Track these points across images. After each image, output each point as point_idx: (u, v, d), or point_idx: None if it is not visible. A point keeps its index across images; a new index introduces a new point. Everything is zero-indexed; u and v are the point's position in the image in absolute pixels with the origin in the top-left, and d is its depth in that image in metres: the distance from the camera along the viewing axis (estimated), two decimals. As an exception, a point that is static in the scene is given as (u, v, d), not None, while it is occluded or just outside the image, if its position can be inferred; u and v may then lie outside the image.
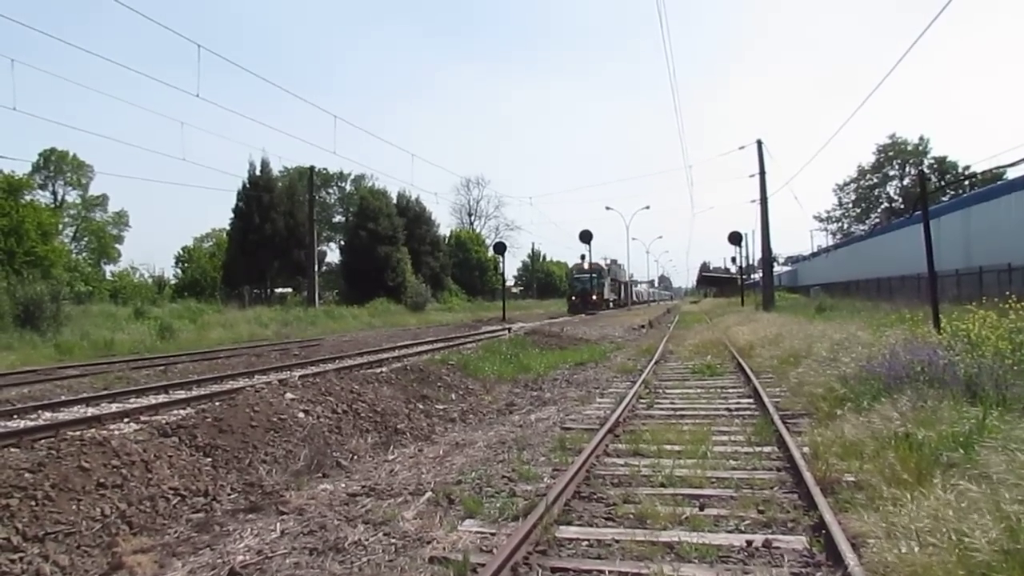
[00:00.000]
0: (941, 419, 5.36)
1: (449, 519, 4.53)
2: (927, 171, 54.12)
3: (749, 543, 3.89)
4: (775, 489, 4.99)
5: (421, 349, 18.55)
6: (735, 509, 4.52)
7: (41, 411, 9.24)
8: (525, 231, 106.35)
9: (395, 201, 55.63)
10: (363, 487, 5.53)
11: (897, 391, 6.50)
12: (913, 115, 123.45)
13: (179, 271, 54.98)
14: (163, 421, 7.11)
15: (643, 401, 9.30)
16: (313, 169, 42.45)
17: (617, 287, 59.31)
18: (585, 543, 4.05)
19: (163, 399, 10.15)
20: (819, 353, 10.48)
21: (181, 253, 57.66)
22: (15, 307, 20.46)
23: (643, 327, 28.85)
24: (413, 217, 56.79)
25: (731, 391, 10.07)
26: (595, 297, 47.73)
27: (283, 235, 45.48)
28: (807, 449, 5.82)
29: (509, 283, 75.57)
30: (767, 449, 6.18)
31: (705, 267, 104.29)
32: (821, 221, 70.87)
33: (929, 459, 4.52)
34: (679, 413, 8.36)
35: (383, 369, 11.96)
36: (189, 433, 6.29)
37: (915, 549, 3.27)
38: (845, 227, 68.38)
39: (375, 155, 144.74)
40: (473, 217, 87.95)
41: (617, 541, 4.01)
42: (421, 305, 45.36)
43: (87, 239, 60.80)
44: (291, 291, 48.99)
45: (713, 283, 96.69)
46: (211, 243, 60.75)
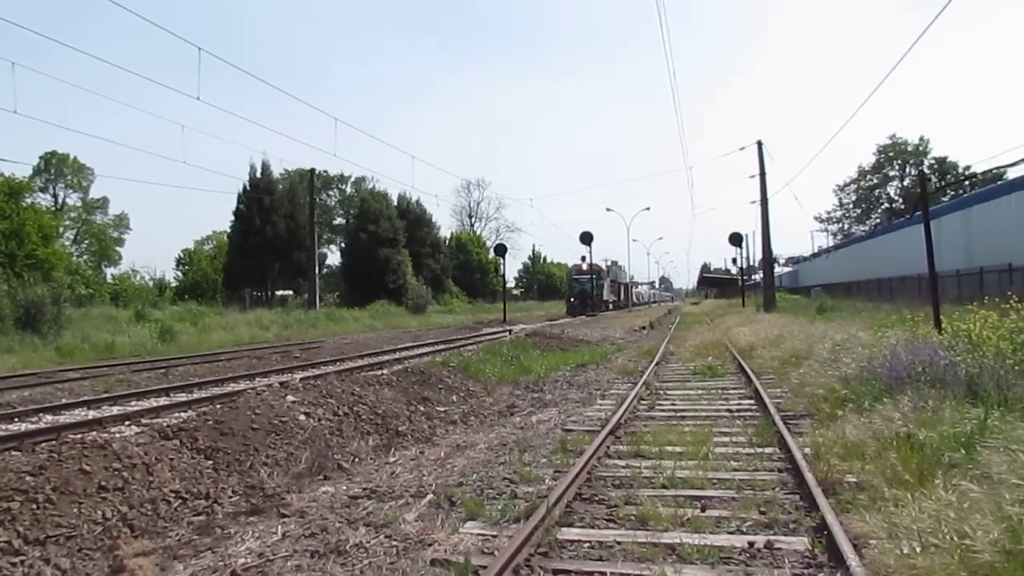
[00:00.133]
0: (942, 420, 5.36)
1: (451, 521, 4.53)
2: (927, 171, 54.19)
3: (751, 544, 3.89)
4: (777, 490, 4.99)
5: (422, 351, 18.55)
6: (737, 510, 4.52)
7: (42, 414, 9.23)
8: (526, 233, 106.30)
9: (396, 203, 55.70)
10: (364, 489, 5.53)
11: (898, 392, 6.50)
12: (913, 115, 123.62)
13: (180, 274, 55.16)
14: (164, 424, 7.12)
15: (644, 402, 9.30)
16: (314, 171, 42.48)
17: (617, 288, 59.18)
18: (587, 545, 4.04)
19: (164, 402, 10.15)
20: (820, 354, 10.47)
21: (182, 256, 57.87)
22: (16, 310, 20.47)
23: (644, 329, 28.84)
24: (414, 219, 56.85)
25: (732, 392, 10.07)
26: (594, 299, 47.30)
27: (284, 237, 45.52)
28: (808, 450, 5.81)
29: (510, 285, 75.61)
30: (768, 450, 6.18)
31: (706, 268, 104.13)
32: (821, 222, 70.92)
33: (931, 460, 4.51)
34: (680, 414, 8.36)
35: (384, 371, 11.96)
36: (190, 436, 6.30)
37: (917, 550, 3.26)
38: (846, 228, 68.38)
39: (375, 157, 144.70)
40: (474, 219, 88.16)
41: (619, 543, 4.01)
42: (422, 307, 45.39)
43: (88, 242, 60.91)
44: (292, 293, 49.08)
45: (714, 284, 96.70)
46: (212, 245, 60.82)
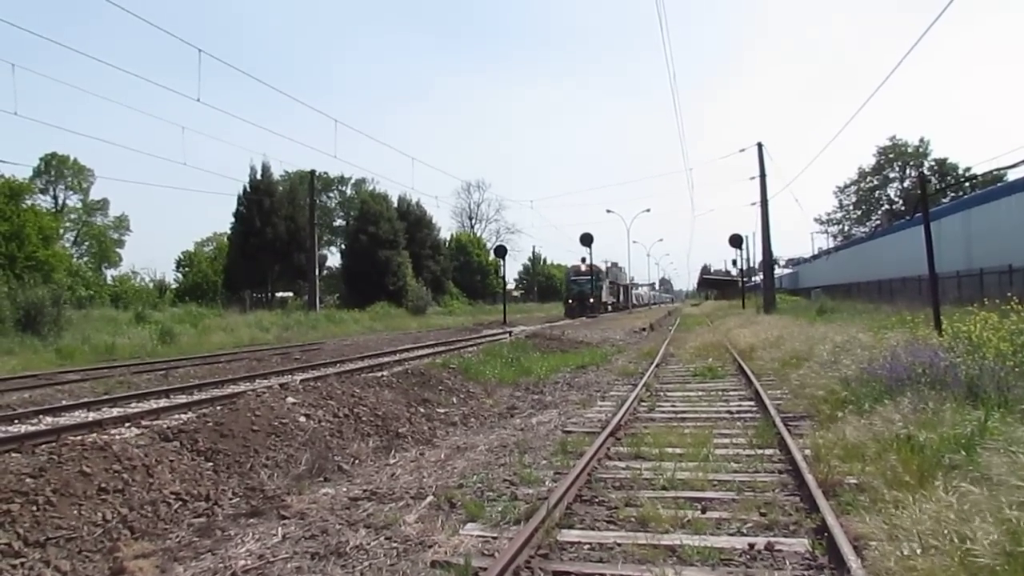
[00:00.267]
0: (943, 421, 5.36)
1: (451, 523, 4.53)
2: (927, 173, 54.22)
3: (751, 546, 3.89)
4: (777, 492, 4.99)
5: (422, 353, 18.56)
6: (737, 512, 4.51)
7: (42, 416, 9.24)
8: (526, 234, 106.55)
9: (396, 205, 55.73)
10: (365, 491, 5.53)
11: (898, 393, 6.50)
12: (913, 117, 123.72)
13: (180, 275, 55.18)
14: (164, 426, 7.12)
15: (644, 404, 9.30)
16: (314, 173, 42.44)
17: (616, 290, 59.03)
18: (587, 546, 4.04)
19: (164, 403, 10.15)
20: (820, 355, 10.48)
21: (182, 257, 57.91)
22: (16, 311, 20.48)
23: (644, 330, 28.84)
24: (414, 221, 56.86)
25: (732, 394, 10.06)
26: (593, 300, 46.87)
27: (284, 239, 45.54)
28: (809, 451, 5.81)
29: (510, 286, 75.52)
30: (769, 452, 6.18)
31: (706, 270, 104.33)
32: (822, 223, 70.95)
33: (931, 461, 4.51)
34: (680, 416, 8.36)
35: (384, 373, 11.95)
36: (190, 438, 6.29)
37: (917, 552, 3.26)
38: (846, 229, 68.41)
39: (376, 159, 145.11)
40: (474, 221, 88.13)
41: (619, 544, 4.01)
42: (422, 309, 45.39)
43: (88, 243, 60.95)
44: (292, 295, 49.10)
45: (714, 285, 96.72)
46: (212, 247, 60.88)
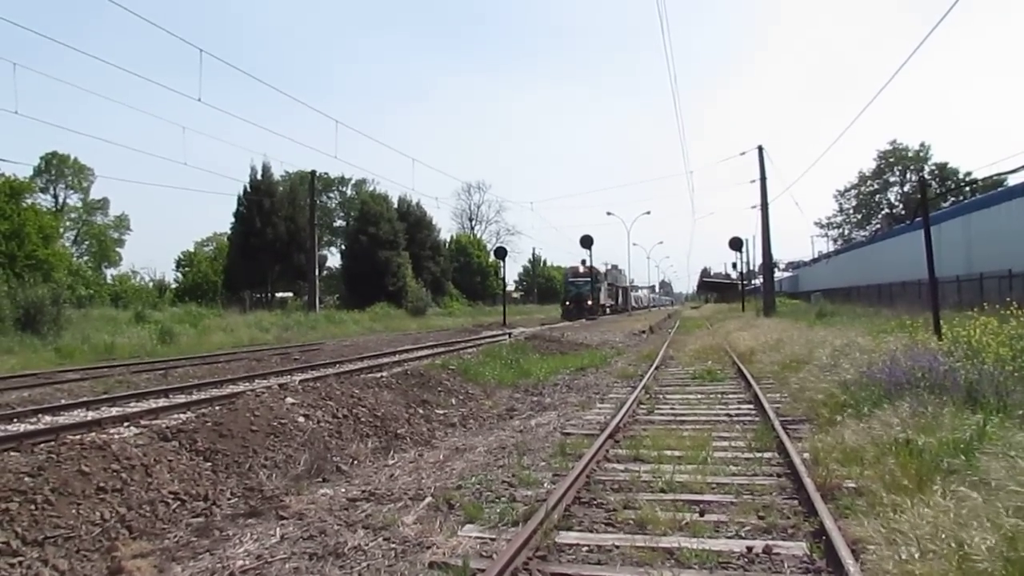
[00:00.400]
0: (941, 425, 5.36)
1: (449, 524, 4.53)
2: (928, 177, 54.28)
3: (749, 549, 3.89)
4: (775, 495, 4.99)
5: (422, 354, 18.55)
6: (735, 515, 4.52)
7: (41, 415, 9.23)
8: (526, 236, 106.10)
9: (396, 206, 55.73)
10: (363, 492, 5.53)
11: (898, 397, 6.50)
12: (914, 121, 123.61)
13: (180, 275, 55.14)
14: (163, 425, 7.12)
15: (644, 406, 9.30)
16: (314, 174, 42.46)
17: (615, 292, 58.89)
18: (585, 549, 4.04)
19: (163, 403, 10.14)
20: (820, 359, 10.48)
21: (182, 257, 57.89)
22: (16, 311, 20.47)
23: (644, 332, 28.85)
24: (414, 222, 56.87)
25: (732, 397, 10.06)
26: (591, 303, 46.34)
27: (284, 239, 45.55)
28: (807, 455, 5.82)
29: (510, 288, 75.56)
30: (767, 455, 6.18)
31: (706, 272, 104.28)
32: (822, 227, 70.89)
33: (929, 465, 4.52)
34: (680, 419, 8.36)
35: (384, 374, 11.94)
36: (189, 437, 6.29)
37: (915, 556, 3.26)
38: (846, 233, 68.37)
39: (376, 160, 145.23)
40: (474, 222, 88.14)
41: (617, 547, 4.01)
42: (422, 310, 45.37)
43: (88, 243, 60.99)
44: (292, 295, 49.10)
45: (714, 288, 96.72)
46: (212, 247, 60.88)
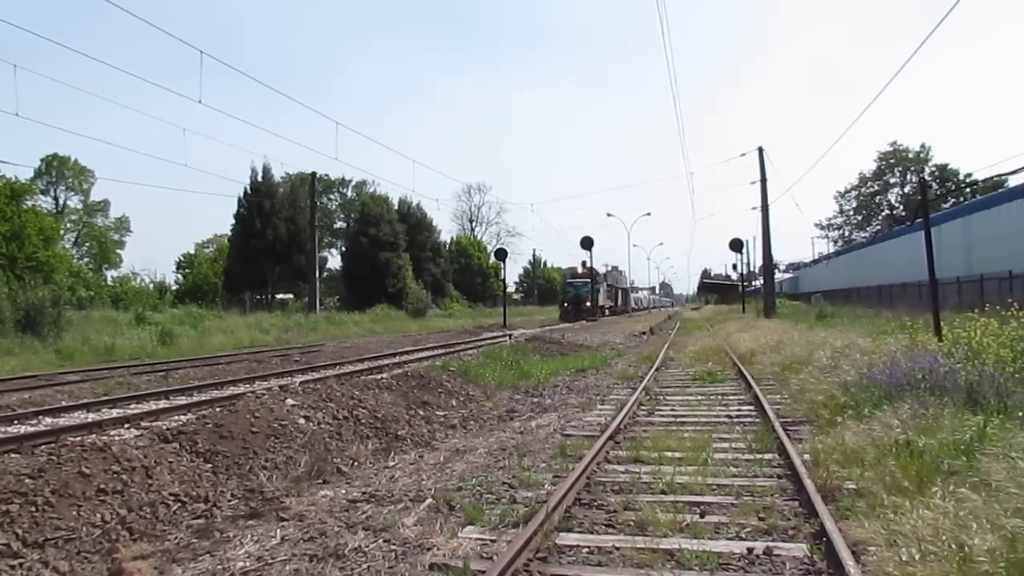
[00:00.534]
0: (942, 427, 5.36)
1: (449, 526, 4.53)
2: (928, 179, 54.33)
3: (750, 550, 3.89)
4: (776, 496, 4.98)
5: (422, 355, 18.55)
6: (736, 516, 4.51)
7: (42, 416, 9.24)
8: (526, 237, 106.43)
9: (396, 207, 55.67)
10: (364, 493, 5.53)
11: (898, 399, 6.50)
12: (914, 122, 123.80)
13: (180, 277, 55.16)
14: (164, 427, 7.12)
15: (644, 408, 9.29)
16: (315, 175, 42.45)
17: (614, 293, 58.70)
18: (586, 550, 4.04)
19: (164, 405, 10.15)
20: (820, 360, 10.47)
21: (182, 259, 57.90)
22: (16, 312, 20.47)
23: (644, 334, 28.85)
24: (414, 223, 56.86)
25: (732, 398, 10.06)
26: (589, 304, 45.71)
27: (284, 241, 45.54)
28: (808, 456, 5.82)
29: (510, 289, 75.51)
30: (768, 456, 6.18)
31: (706, 274, 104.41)
32: (822, 228, 70.93)
33: (930, 467, 4.52)
34: (680, 420, 8.35)
35: (384, 375, 11.95)
36: (190, 439, 6.29)
37: (916, 557, 3.26)
38: (846, 234, 68.39)
39: (376, 161, 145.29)
40: (474, 223, 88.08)
41: (618, 548, 4.01)
42: (422, 311, 45.35)
43: (88, 244, 60.98)
44: (292, 297, 49.10)
45: (714, 290, 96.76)
46: (212, 249, 60.87)
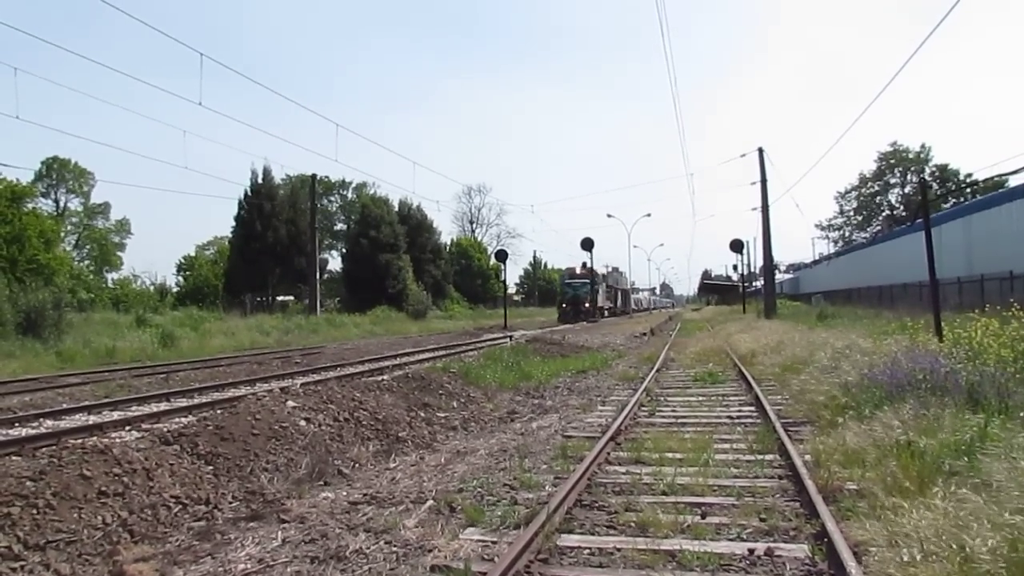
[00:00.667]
0: (943, 427, 5.36)
1: (451, 527, 4.53)
2: (928, 179, 54.31)
3: (751, 551, 3.89)
4: (777, 497, 4.98)
5: (423, 357, 18.55)
6: (737, 517, 4.51)
7: (43, 419, 9.24)
8: (527, 239, 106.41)
9: (397, 209, 55.69)
10: (365, 495, 5.53)
11: (899, 399, 6.50)
12: (914, 123, 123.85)
13: (181, 279, 55.11)
14: (164, 429, 7.12)
15: (645, 409, 9.29)
16: (315, 177, 42.48)
17: (614, 294, 58.51)
18: (587, 551, 4.04)
19: (164, 407, 10.15)
20: (821, 361, 10.48)
21: (183, 261, 57.89)
22: (17, 315, 20.49)
23: (644, 335, 28.85)
24: (415, 225, 56.88)
25: (733, 399, 10.06)
26: (588, 305, 45.16)
27: (285, 243, 45.54)
28: (809, 457, 5.82)
29: (511, 291, 75.53)
30: (769, 457, 6.18)
31: (707, 275, 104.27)
32: (822, 229, 70.92)
33: (931, 467, 4.51)
34: (681, 421, 8.35)
35: (385, 377, 11.95)
36: (190, 441, 6.29)
37: (917, 558, 3.26)
38: (846, 235, 68.36)
39: (377, 163, 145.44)
40: (475, 225, 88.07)
41: (619, 549, 4.01)
42: (422, 313, 45.35)
43: (89, 247, 61.05)
44: (293, 299, 49.07)
45: (715, 291, 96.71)
46: (213, 251, 60.89)
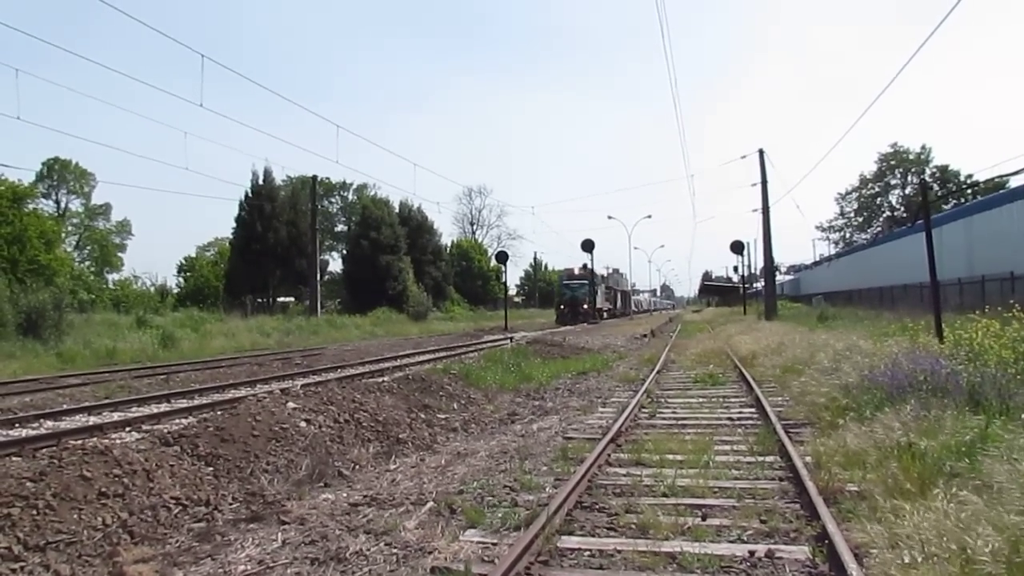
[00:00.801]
0: (944, 429, 5.36)
1: (451, 529, 4.52)
2: (929, 180, 54.27)
3: (752, 553, 3.88)
4: (777, 499, 4.97)
5: (423, 358, 18.55)
6: (737, 519, 4.51)
7: (43, 420, 9.25)
8: (527, 240, 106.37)
9: (397, 210, 55.71)
10: (365, 497, 5.52)
11: (900, 401, 6.49)
12: (915, 124, 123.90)
13: (181, 280, 55.11)
14: (165, 430, 7.11)
15: (645, 410, 9.28)
16: (315, 178, 42.48)
17: (613, 295, 58.33)
18: (587, 553, 4.03)
19: (165, 408, 10.15)
20: (821, 362, 10.47)
21: (183, 262, 57.86)
22: (18, 315, 20.50)
23: (645, 336, 28.84)
24: (415, 226, 56.90)
25: (733, 400, 10.05)
26: (587, 306, 44.82)
27: (285, 244, 45.55)
28: (809, 459, 5.82)
29: (511, 292, 75.51)
30: (769, 459, 6.17)
31: (707, 276, 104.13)
32: (823, 230, 70.91)
33: (932, 469, 4.51)
34: (681, 422, 8.34)
35: (385, 378, 11.95)
36: (191, 442, 6.29)
37: (918, 560, 3.26)
38: (847, 236, 68.36)
39: (377, 164, 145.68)
40: (475, 226, 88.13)
41: (619, 551, 4.00)
42: (423, 314, 45.33)
43: (90, 248, 61.09)
44: (293, 300, 49.06)
45: (715, 292, 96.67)
46: (213, 252, 60.88)
